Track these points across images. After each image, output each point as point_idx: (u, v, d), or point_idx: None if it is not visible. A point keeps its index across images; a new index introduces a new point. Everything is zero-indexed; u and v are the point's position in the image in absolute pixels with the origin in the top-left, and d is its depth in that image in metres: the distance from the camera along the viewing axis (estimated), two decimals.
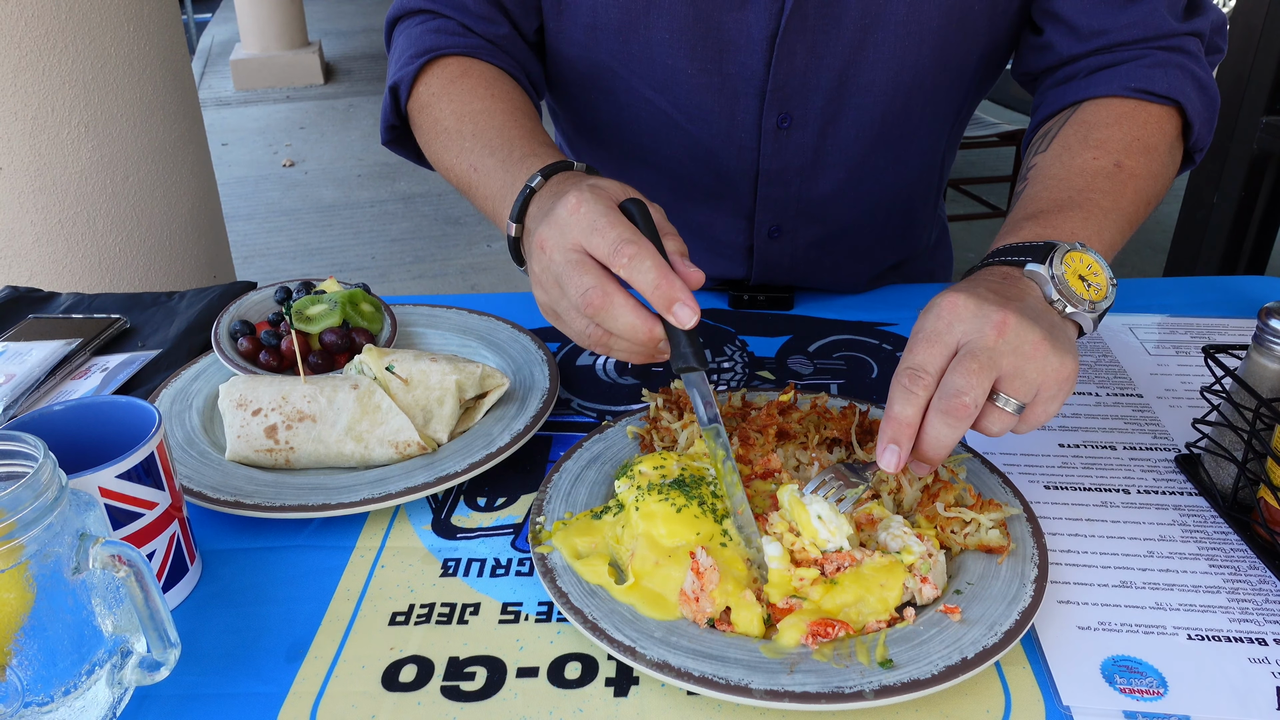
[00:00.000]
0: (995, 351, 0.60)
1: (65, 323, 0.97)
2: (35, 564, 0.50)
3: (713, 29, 0.88)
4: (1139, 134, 0.82)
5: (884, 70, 0.89)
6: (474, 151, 0.84)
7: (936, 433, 0.61)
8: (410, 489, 0.71)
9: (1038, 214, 0.75)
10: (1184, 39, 0.86)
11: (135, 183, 1.81)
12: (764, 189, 0.98)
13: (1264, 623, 0.62)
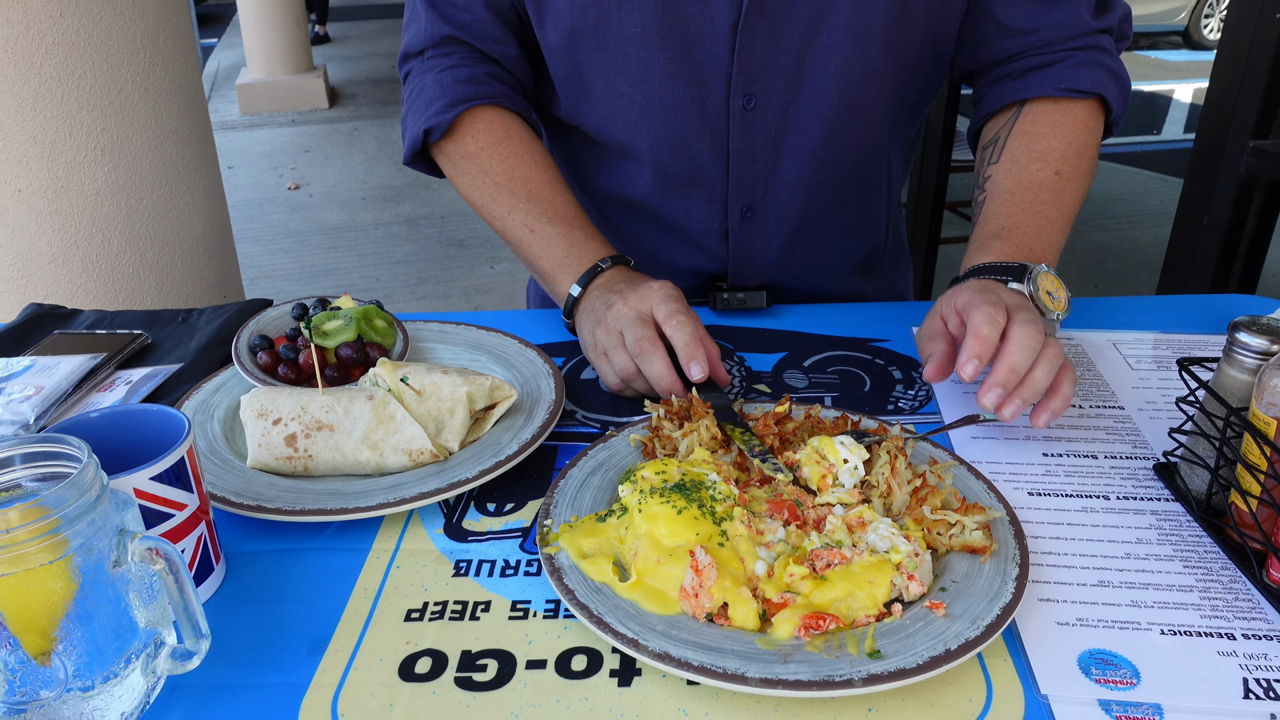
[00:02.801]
0: (1026, 328, 0.79)
1: (89, 338, 1.01)
2: (79, 557, 0.53)
3: (680, 21, 0.97)
4: (1071, 139, 1.00)
5: (837, 55, 0.98)
6: (529, 214, 1.03)
7: (1022, 346, 0.77)
8: (423, 494, 0.75)
9: (1002, 231, 0.94)
10: (1099, 36, 1.03)
11: (149, 205, 1.85)
12: (735, 168, 1.05)
13: (1233, 619, 0.65)
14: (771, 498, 0.71)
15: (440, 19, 1.06)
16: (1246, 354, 0.71)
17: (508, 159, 1.05)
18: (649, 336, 0.87)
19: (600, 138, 1.09)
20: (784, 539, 0.67)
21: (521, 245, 1.03)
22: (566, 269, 0.99)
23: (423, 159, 1.10)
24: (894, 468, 0.73)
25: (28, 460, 0.58)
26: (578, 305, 0.98)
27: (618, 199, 1.13)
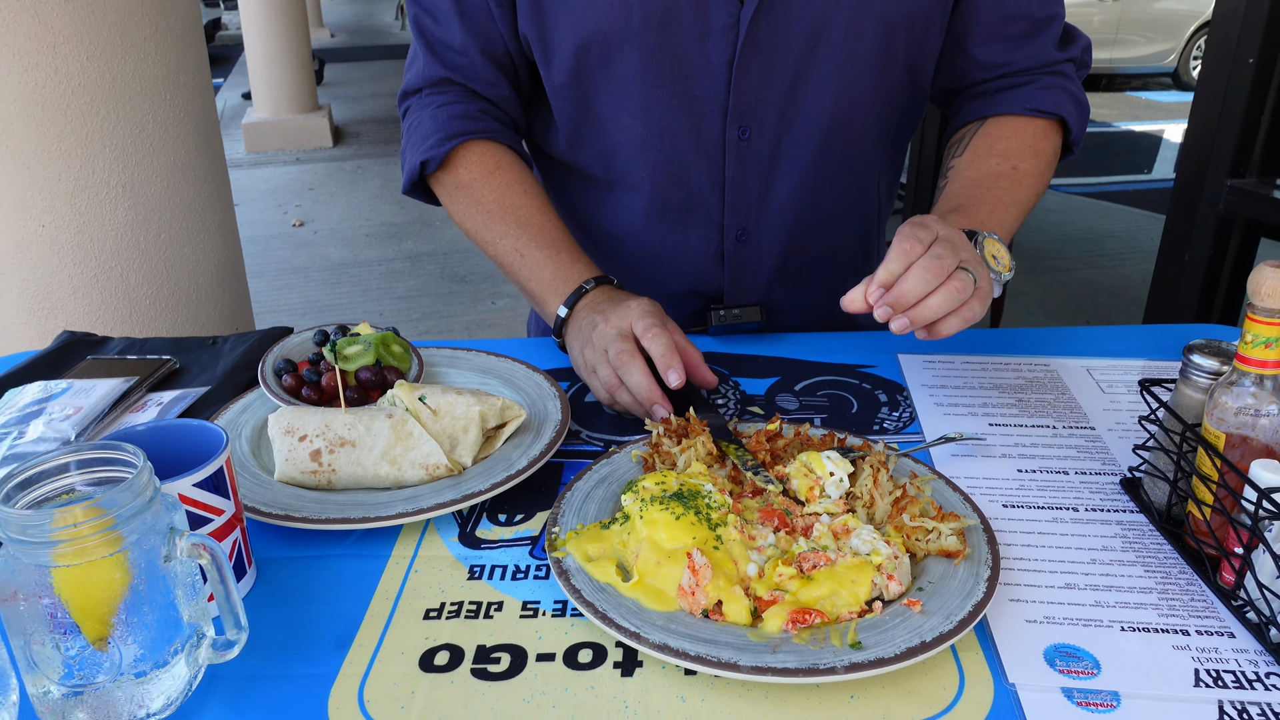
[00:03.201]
0: (958, 245, 0.86)
1: (121, 363, 1.07)
2: (134, 552, 0.59)
3: (679, 58, 1.04)
4: (1030, 143, 1.10)
5: (826, 88, 1.06)
6: (519, 239, 1.10)
7: (919, 276, 0.82)
8: (439, 505, 0.80)
9: (959, 207, 1.02)
10: (1063, 65, 1.14)
11: (166, 240, 1.92)
12: (730, 195, 1.12)
13: (1188, 617, 0.71)
14: (763, 507, 0.77)
15: (438, 62, 1.14)
16: (1200, 374, 0.78)
17: (498, 188, 1.12)
18: (628, 350, 0.93)
19: (602, 170, 1.16)
20: (774, 544, 0.73)
21: (512, 269, 1.10)
22: (554, 290, 1.06)
23: (420, 189, 1.18)
24: (876, 480, 0.79)
25: (81, 466, 0.64)
26: (566, 325, 1.04)
27: (616, 232, 1.20)
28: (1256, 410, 0.72)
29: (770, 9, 1.01)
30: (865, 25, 1.03)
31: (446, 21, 1.12)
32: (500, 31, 1.11)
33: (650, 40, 1.04)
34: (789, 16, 1.02)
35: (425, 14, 1.13)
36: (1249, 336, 0.71)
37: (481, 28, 1.11)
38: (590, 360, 0.98)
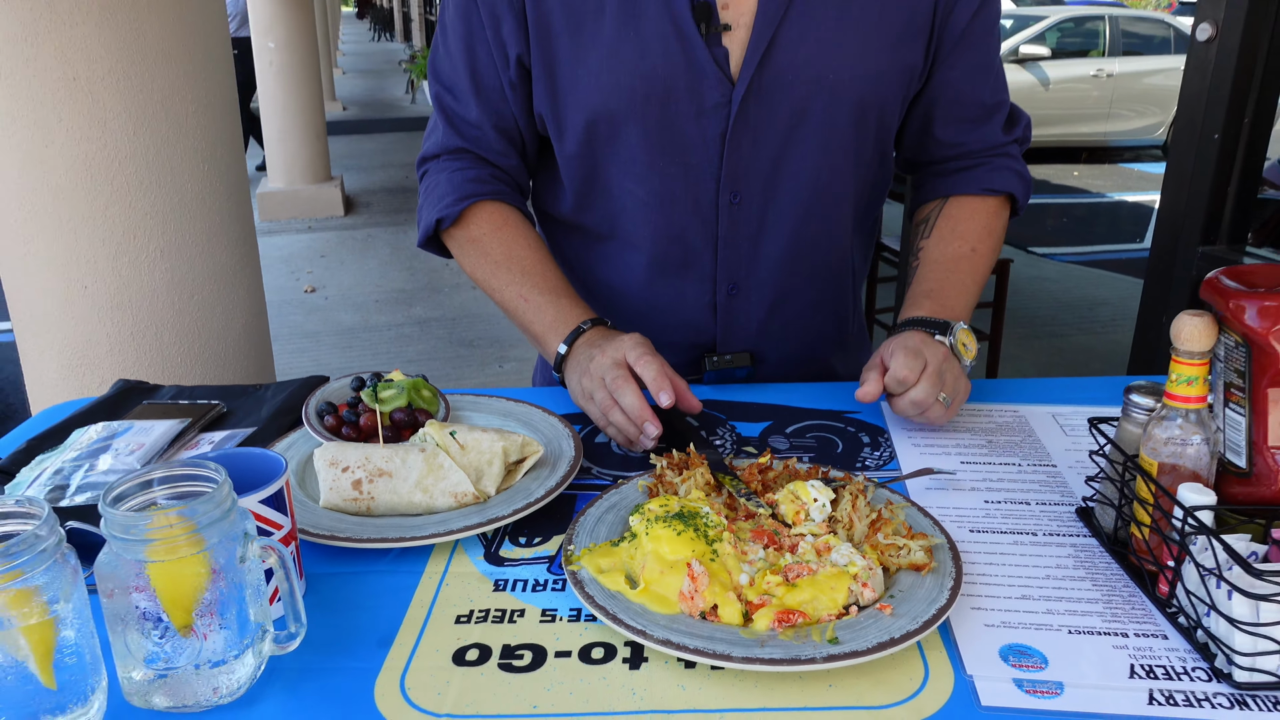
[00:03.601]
0: (942, 371, 1.08)
1: (174, 407, 1.17)
2: (214, 552, 0.69)
3: (679, 132, 1.17)
4: (986, 224, 1.29)
5: (808, 159, 1.20)
6: (524, 285, 1.23)
7: (916, 399, 1.06)
8: (467, 527, 0.91)
9: (930, 292, 1.20)
10: (1009, 146, 1.31)
11: (199, 301, 2.04)
12: (723, 253, 1.24)
13: (1128, 622, 0.80)
14: (754, 528, 0.87)
15: (455, 133, 1.28)
16: (1138, 411, 0.88)
17: (505, 242, 1.25)
18: (622, 375, 1.05)
19: (607, 230, 1.28)
20: (764, 558, 0.83)
21: (517, 312, 1.23)
22: (555, 331, 1.18)
23: (433, 243, 1.31)
24: (855, 505, 0.89)
25: (163, 483, 0.74)
26: (565, 361, 1.16)
27: (619, 287, 1.32)
28: (1183, 440, 0.82)
29: (758, 91, 1.15)
30: (840, 108, 1.17)
31: (465, 99, 1.25)
32: (512, 110, 1.24)
33: (652, 117, 1.17)
34: (774, 99, 1.15)
35: (446, 92, 1.27)
36: (1174, 376, 0.82)
37: (495, 106, 1.25)
38: (587, 388, 1.09)
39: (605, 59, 1.15)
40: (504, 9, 1.18)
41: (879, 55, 1.17)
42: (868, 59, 1.16)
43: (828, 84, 1.15)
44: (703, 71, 1.14)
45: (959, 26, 1.20)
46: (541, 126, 1.25)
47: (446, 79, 1.27)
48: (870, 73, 1.16)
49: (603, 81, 1.16)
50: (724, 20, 1.14)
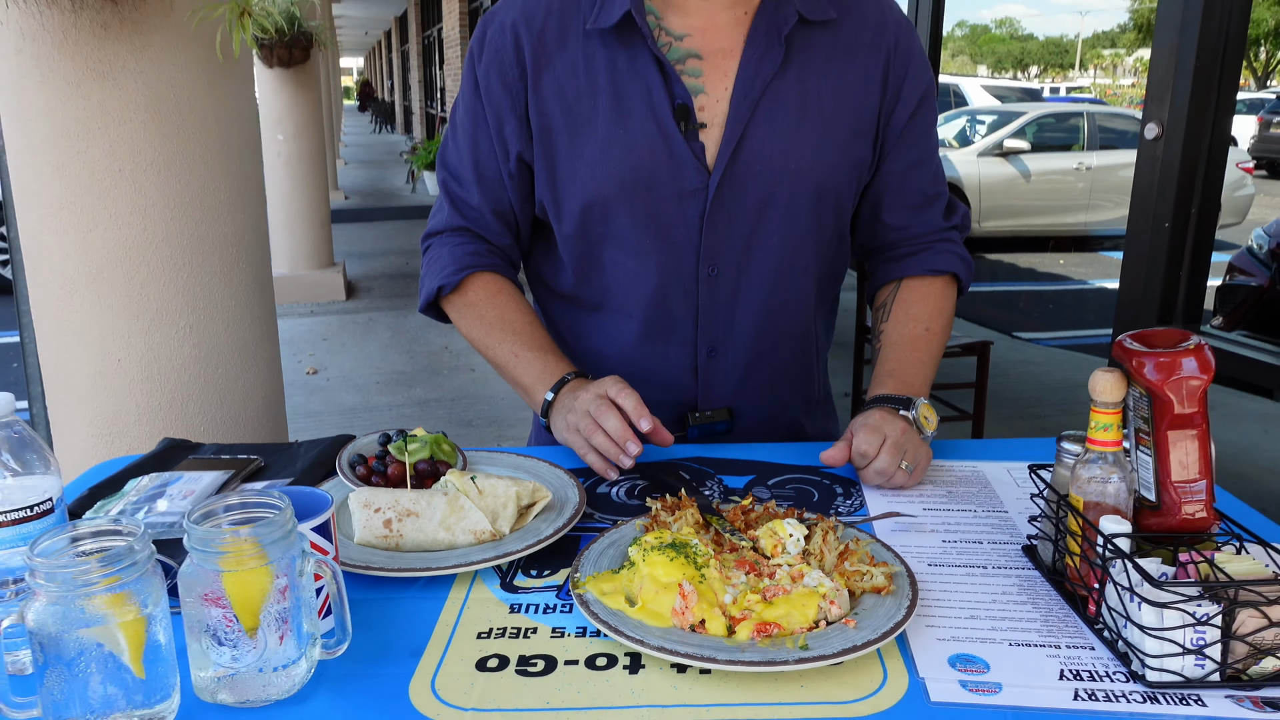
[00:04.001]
0: (903, 443, 1.23)
1: (217, 461, 1.30)
2: (277, 566, 0.82)
3: (662, 214, 1.35)
4: (937, 304, 1.46)
5: (775, 237, 1.37)
6: (514, 343, 1.40)
7: (880, 469, 1.23)
8: (485, 559, 1.03)
9: (893, 372, 1.37)
10: (949, 232, 1.48)
11: (223, 375, 2.18)
12: (702, 319, 1.40)
13: (1061, 637, 0.93)
14: (737, 559, 1.00)
15: (458, 214, 1.46)
16: (1067, 455, 1.02)
17: (498, 307, 1.43)
18: (605, 404, 1.24)
19: (601, 300, 1.44)
20: (745, 582, 0.96)
21: (508, 367, 1.40)
22: (542, 382, 1.35)
23: (433, 308, 1.49)
24: (825, 540, 1.02)
25: (227, 510, 0.87)
26: (551, 407, 1.33)
27: (610, 352, 1.47)
28: (1104, 479, 0.96)
29: (731, 179, 1.32)
30: (801, 194, 1.35)
31: (468, 186, 1.43)
32: (509, 197, 1.43)
33: (639, 202, 1.34)
34: (745, 186, 1.33)
35: (452, 179, 1.46)
36: (1093, 424, 0.96)
37: (495, 193, 1.42)
38: (572, 422, 1.27)
39: (599, 153, 1.33)
40: (507, 112, 1.36)
41: (833, 150, 1.35)
42: (823, 153, 1.34)
43: (790, 174, 1.33)
44: (683, 163, 1.32)
45: (899, 127, 1.39)
46: (541, 211, 1.42)
47: (453, 168, 1.45)
48: (826, 164, 1.35)
49: (597, 172, 1.33)
50: (700, 119, 1.32)
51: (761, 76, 1.31)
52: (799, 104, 1.32)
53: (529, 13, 1.35)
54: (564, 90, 1.33)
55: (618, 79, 1.32)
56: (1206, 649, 0.83)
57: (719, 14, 1.33)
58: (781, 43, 1.31)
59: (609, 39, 1.32)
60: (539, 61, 1.34)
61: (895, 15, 1.40)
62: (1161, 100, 2.30)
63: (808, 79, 1.33)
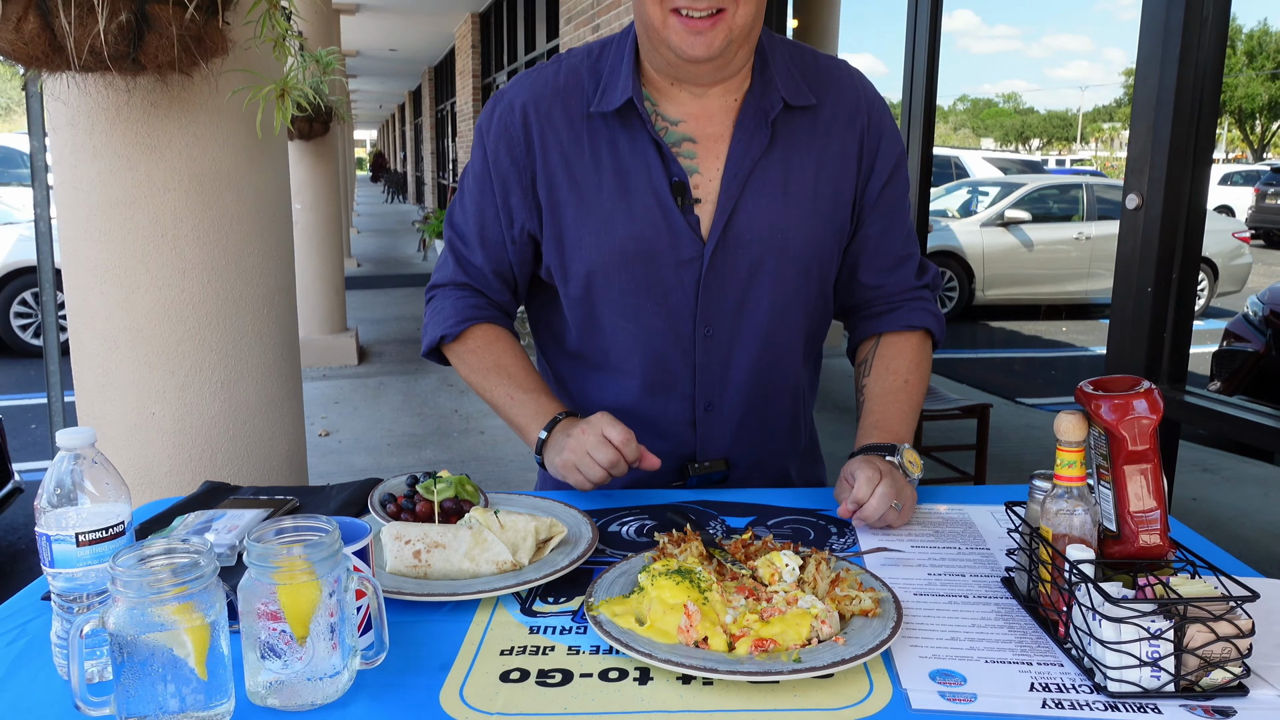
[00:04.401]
0: (893, 483, 1.32)
1: (255, 500, 1.41)
2: (324, 580, 0.92)
3: (661, 280, 1.47)
4: (913, 358, 1.54)
5: (765, 300, 1.49)
6: (510, 387, 1.53)
7: (873, 507, 1.31)
8: (506, 586, 1.13)
9: (878, 423, 1.48)
10: (921, 290, 1.59)
11: (250, 429, 2.29)
12: (699, 376, 1.51)
13: (1033, 655, 1.02)
14: (738, 585, 1.09)
15: (461, 271, 1.59)
16: (1038, 491, 1.12)
17: (495, 353, 1.56)
18: (599, 441, 1.37)
19: (604, 359, 1.56)
20: (745, 605, 1.05)
21: (504, 407, 1.53)
22: (535, 421, 1.47)
23: (435, 353, 1.61)
24: (819, 569, 1.11)
25: (280, 533, 0.97)
26: (545, 445, 1.45)
27: (612, 407, 1.56)
28: (1070, 511, 1.05)
29: (723, 248, 1.45)
30: (788, 260, 1.47)
31: (473, 247, 1.57)
32: (509, 260, 1.56)
33: (639, 269, 1.46)
34: (736, 254, 1.46)
35: (458, 238, 1.59)
36: (1059, 462, 1.06)
37: (496, 256, 1.56)
38: (569, 460, 1.39)
39: (603, 223, 1.46)
40: (513, 184, 1.50)
41: (815, 219, 1.48)
42: (807, 223, 1.48)
43: (777, 242, 1.46)
44: (680, 234, 1.45)
45: (874, 195, 1.53)
46: (548, 275, 1.54)
47: (459, 229, 1.59)
48: (810, 233, 1.48)
49: (601, 241, 1.46)
50: (696, 195, 1.46)
51: (750, 157, 1.45)
52: (783, 180, 1.46)
53: (537, 94, 1.49)
54: (571, 165, 1.47)
55: (620, 157, 1.46)
56: (1161, 661, 0.92)
57: (710, 103, 1.47)
58: (768, 127, 1.45)
59: (611, 121, 1.46)
60: (545, 139, 1.47)
61: (867, 94, 1.53)
62: (1140, 173, 2.43)
63: (791, 158, 1.47)
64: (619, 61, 1.46)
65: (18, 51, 1.48)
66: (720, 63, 1.39)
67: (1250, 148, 34.07)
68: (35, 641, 1.06)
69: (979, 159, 15.93)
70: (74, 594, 0.97)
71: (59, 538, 0.95)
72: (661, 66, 1.44)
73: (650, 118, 1.45)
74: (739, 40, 1.36)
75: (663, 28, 1.35)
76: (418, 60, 21.62)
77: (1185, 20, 2.28)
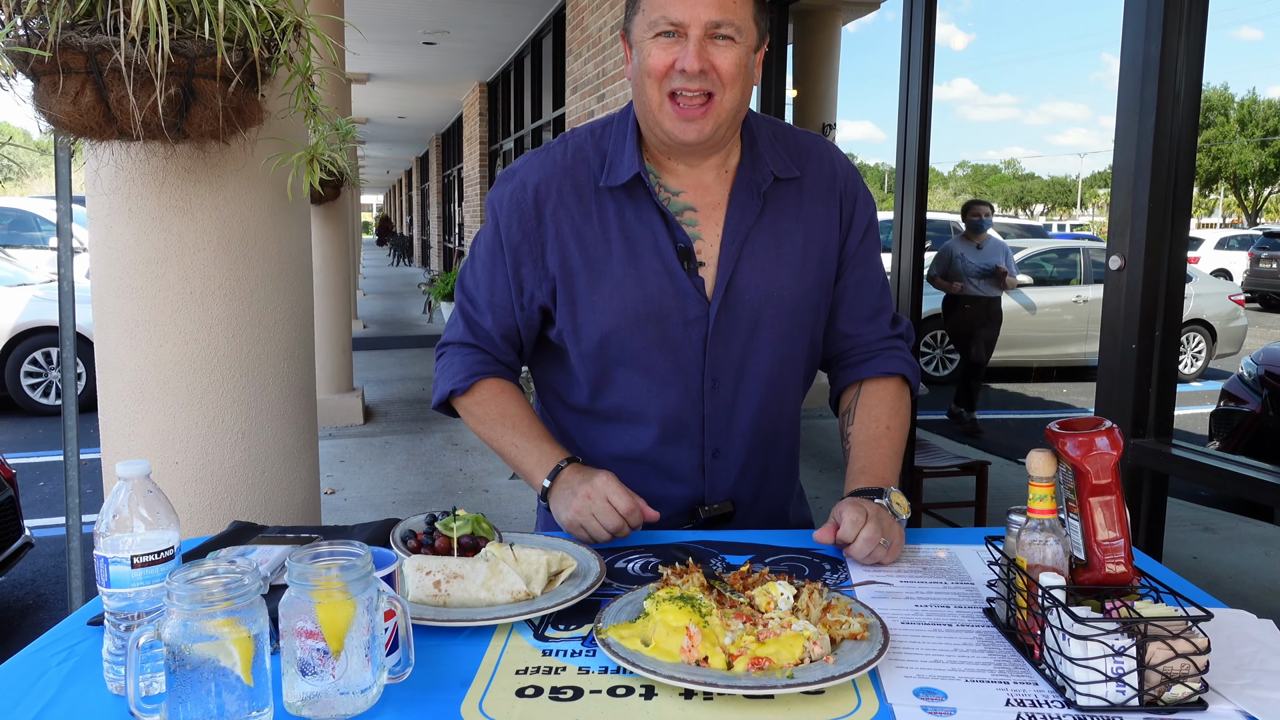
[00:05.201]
0: (881, 524, 1.40)
1: (283, 538, 1.49)
2: (358, 600, 1.00)
3: (670, 338, 1.58)
4: (893, 405, 1.64)
5: (765, 351, 1.61)
6: (514, 436, 1.63)
7: (863, 546, 1.40)
8: (521, 614, 1.21)
9: (864, 469, 1.59)
10: (894, 339, 1.71)
11: (269, 478, 2.38)
12: (707, 425, 1.62)
13: (1010, 676, 1.09)
14: (736, 612, 1.17)
15: (470, 332, 1.70)
16: (1014, 524, 1.21)
17: (501, 405, 1.67)
18: (605, 506, 1.48)
19: (616, 413, 1.66)
20: (742, 629, 1.13)
21: (509, 456, 1.63)
22: (540, 468, 1.58)
23: (444, 407, 1.72)
24: (811, 597, 1.20)
25: (316, 557, 1.06)
26: (550, 491, 1.55)
27: (624, 457, 1.67)
28: (1043, 542, 1.14)
29: (726, 306, 1.58)
30: (783, 314, 1.60)
31: (482, 311, 1.68)
32: (516, 324, 1.68)
33: (650, 329, 1.58)
34: (738, 311, 1.58)
35: (468, 301, 1.71)
36: (1031, 496, 1.15)
37: (504, 320, 1.68)
38: (576, 519, 1.49)
39: (614, 288, 1.58)
40: (525, 256, 1.63)
41: (804, 277, 1.62)
42: (798, 280, 1.61)
43: (774, 298, 1.59)
44: (687, 295, 1.57)
45: (851, 250, 1.67)
46: (560, 338, 1.65)
47: (470, 293, 1.70)
48: (801, 289, 1.61)
49: (614, 304, 1.58)
50: (700, 259, 1.59)
51: (745, 224, 1.59)
52: (775, 244, 1.60)
53: (546, 172, 1.63)
54: (582, 236, 1.60)
55: (627, 227, 1.59)
56: (1125, 677, 1.00)
57: (706, 174, 1.62)
58: (759, 197, 1.60)
59: (618, 194, 1.59)
60: (557, 213, 1.60)
61: (842, 164, 1.69)
62: (1122, 235, 2.55)
63: (780, 223, 1.62)
64: (622, 139, 1.61)
65: (72, 122, 1.60)
66: (709, 144, 1.55)
67: (1245, 212, 34.53)
68: (83, 662, 1.14)
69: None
70: (126, 612, 1.05)
71: (115, 560, 1.04)
72: (657, 144, 1.59)
73: (655, 189, 1.58)
74: (725, 124, 1.53)
75: (659, 111, 1.51)
76: (426, 127, 22.11)
77: (1159, 94, 2.42)
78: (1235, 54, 56.20)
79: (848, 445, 1.65)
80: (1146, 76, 2.44)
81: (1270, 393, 5.63)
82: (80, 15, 1.58)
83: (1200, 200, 36.94)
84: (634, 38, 1.53)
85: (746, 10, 1.48)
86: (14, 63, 1.66)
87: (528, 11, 10.14)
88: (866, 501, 1.47)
